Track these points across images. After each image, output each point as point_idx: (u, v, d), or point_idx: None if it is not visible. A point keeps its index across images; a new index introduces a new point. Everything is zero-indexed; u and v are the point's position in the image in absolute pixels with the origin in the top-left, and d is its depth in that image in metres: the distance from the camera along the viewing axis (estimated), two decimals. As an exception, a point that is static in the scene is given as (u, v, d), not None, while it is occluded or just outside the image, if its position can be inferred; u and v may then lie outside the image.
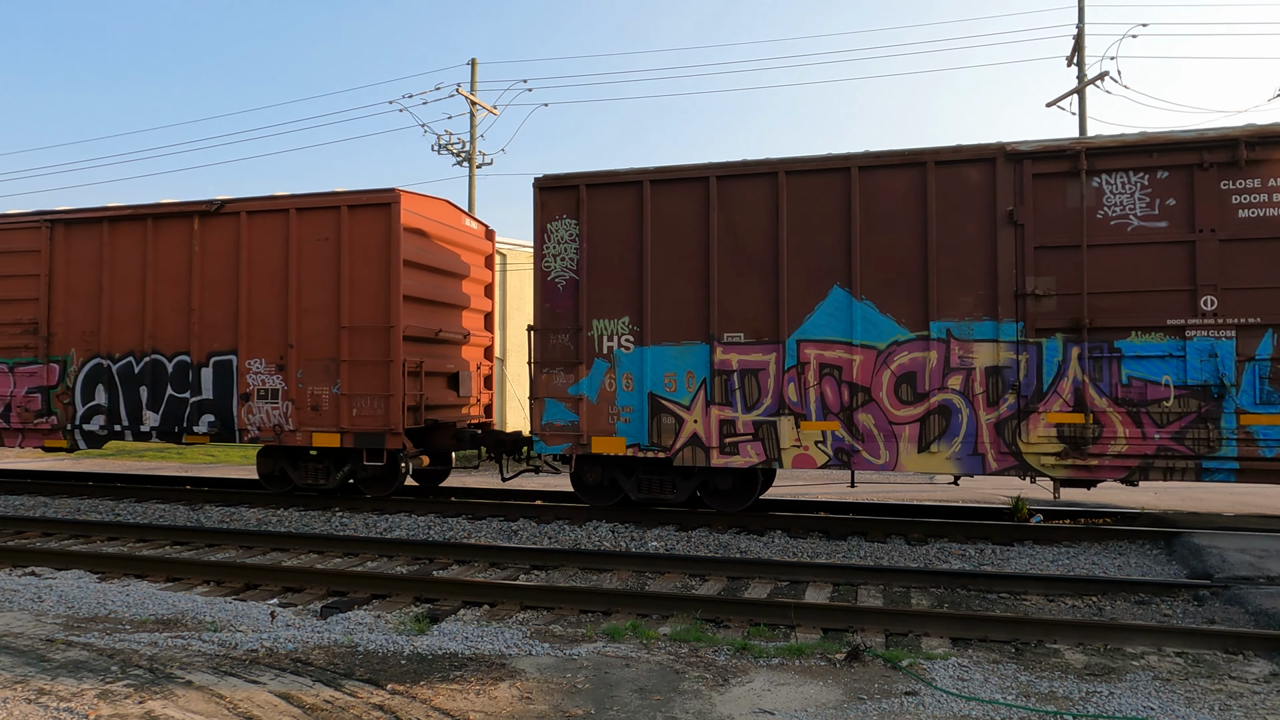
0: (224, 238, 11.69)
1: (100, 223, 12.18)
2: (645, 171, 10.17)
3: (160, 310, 11.91)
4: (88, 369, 12.22)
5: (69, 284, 12.38)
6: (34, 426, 12.43)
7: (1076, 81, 23.61)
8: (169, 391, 11.85)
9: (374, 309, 11.09)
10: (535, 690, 4.85)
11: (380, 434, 10.99)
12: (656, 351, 10.07)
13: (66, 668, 5.14)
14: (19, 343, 12.53)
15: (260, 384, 11.45)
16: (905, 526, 9.90)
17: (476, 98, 26.01)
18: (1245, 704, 4.74)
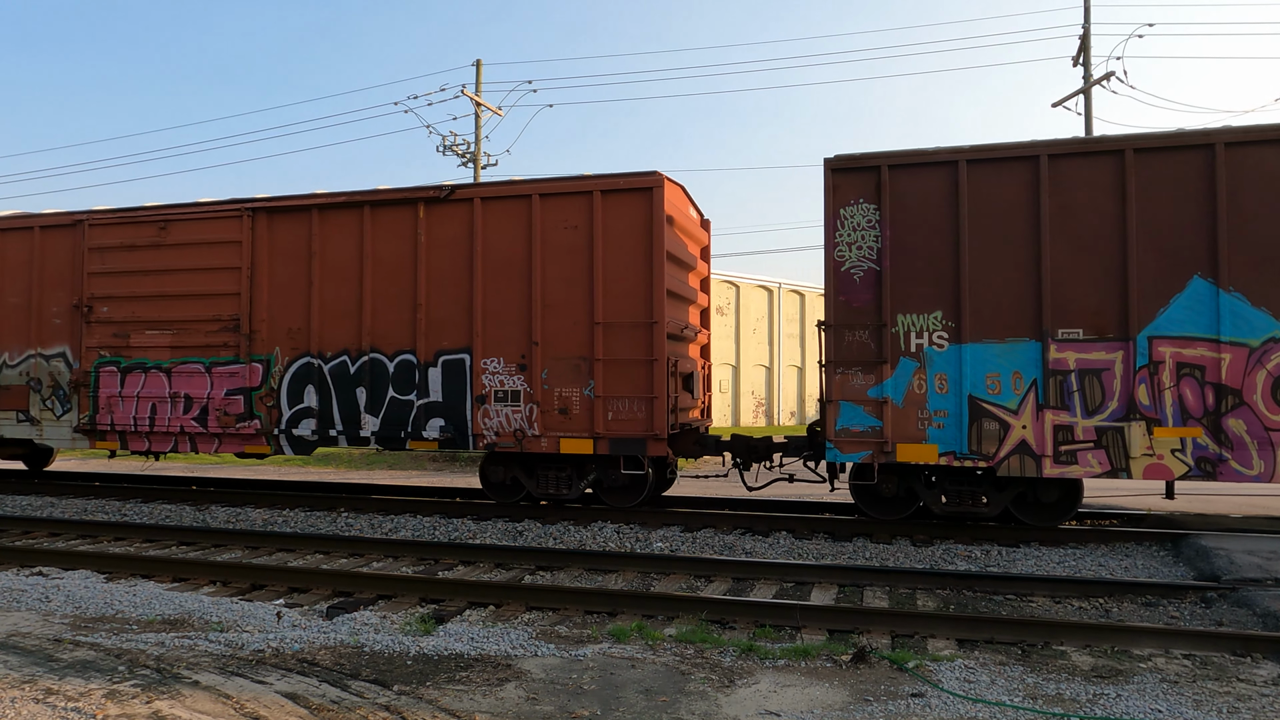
0: (454, 226, 10.75)
1: (308, 211, 11.26)
2: (959, 150, 9.31)
3: (380, 305, 10.97)
4: (295, 369, 11.29)
5: (273, 277, 11.46)
6: (235, 431, 11.44)
7: (1083, 81, 23.56)
8: (390, 393, 10.88)
9: (633, 303, 10.13)
10: (541, 691, 4.86)
11: (641, 440, 10.05)
12: (976, 349, 9.14)
13: (74, 667, 5.16)
14: (217, 341, 11.55)
15: (498, 385, 10.50)
16: (911, 528, 9.88)
17: (481, 99, 26.04)
18: (1253, 706, 4.72)
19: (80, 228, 12.21)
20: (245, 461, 20.23)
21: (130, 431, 11.97)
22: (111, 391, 11.99)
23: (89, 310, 12.09)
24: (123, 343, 11.97)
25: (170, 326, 11.76)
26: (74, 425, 12.23)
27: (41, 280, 12.43)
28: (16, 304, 12.61)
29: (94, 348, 12.09)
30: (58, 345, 12.37)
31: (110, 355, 12.02)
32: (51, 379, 12.35)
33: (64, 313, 12.33)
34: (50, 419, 12.42)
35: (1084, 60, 23.57)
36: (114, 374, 12.00)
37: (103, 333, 12.06)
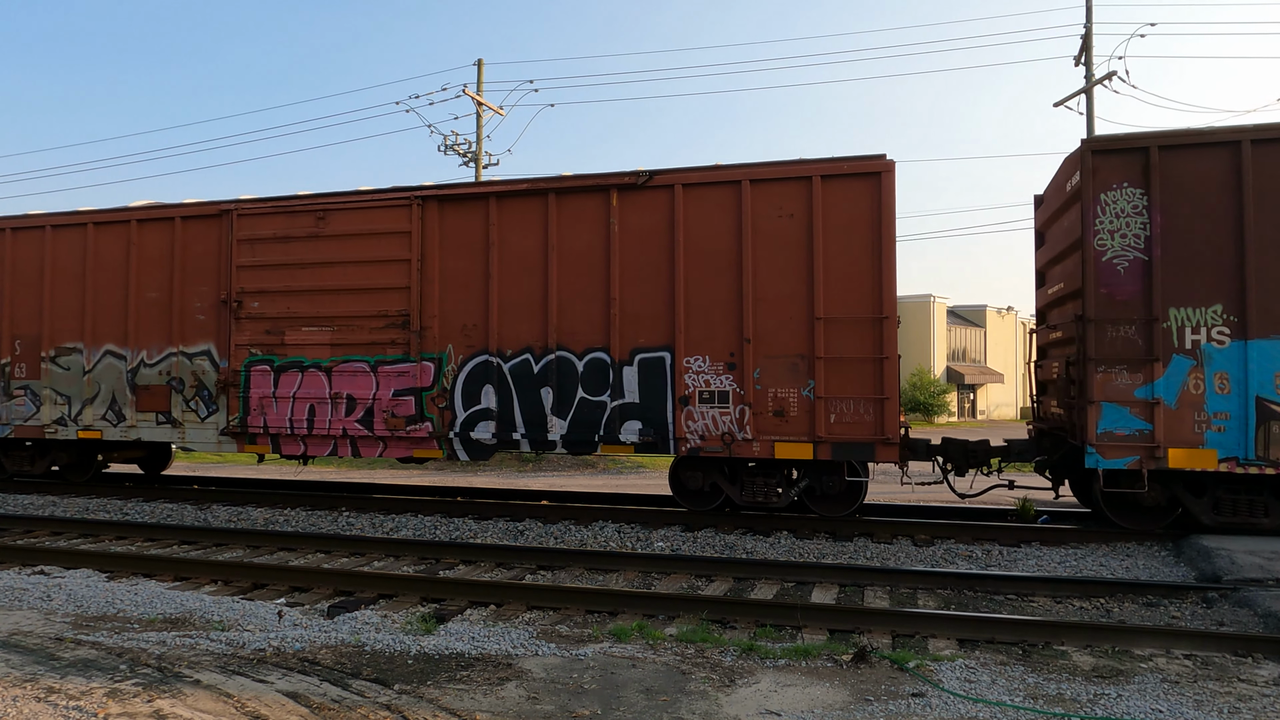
0: (651, 215, 10.07)
1: (485, 199, 10.61)
2: (1241, 130, 8.64)
3: (567, 300, 10.28)
4: (470, 368, 10.59)
5: (444, 270, 10.74)
6: (404, 434, 10.72)
7: (1085, 81, 23.54)
8: (580, 394, 10.19)
9: (859, 296, 9.48)
10: (542, 690, 4.86)
11: (868, 444, 9.41)
12: (1263, 346, 8.43)
13: (75, 666, 5.16)
14: (384, 338, 10.84)
15: (703, 385, 9.82)
16: (912, 528, 9.87)
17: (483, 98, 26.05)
18: (1254, 707, 4.72)
19: (227, 218, 11.54)
20: (245, 460, 20.24)
21: (285, 434, 11.26)
22: (264, 392, 11.31)
23: (238, 306, 11.39)
24: (276, 340, 11.27)
25: (330, 323, 11.06)
26: (220, 428, 11.56)
27: (183, 274, 11.78)
28: (155, 299, 11.97)
29: (244, 345, 11.41)
30: (201, 342, 11.71)
31: (262, 353, 11.32)
32: (195, 378, 11.68)
33: (208, 308, 11.68)
34: (193, 421, 11.74)
35: (1086, 60, 23.56)
36: (267, 373, 11.31)
37: (254, 329, 11.39)
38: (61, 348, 12.48)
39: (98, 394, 12.23)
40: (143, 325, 12.04)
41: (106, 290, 12.23)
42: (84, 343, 12.33)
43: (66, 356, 12.44)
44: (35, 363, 12.62)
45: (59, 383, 12.45)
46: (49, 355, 12.51)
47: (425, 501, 11.76)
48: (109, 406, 12.17)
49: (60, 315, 12.48)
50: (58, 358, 12.47)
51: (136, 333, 12.04)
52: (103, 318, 12.23)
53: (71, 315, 12.42)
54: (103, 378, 12.22)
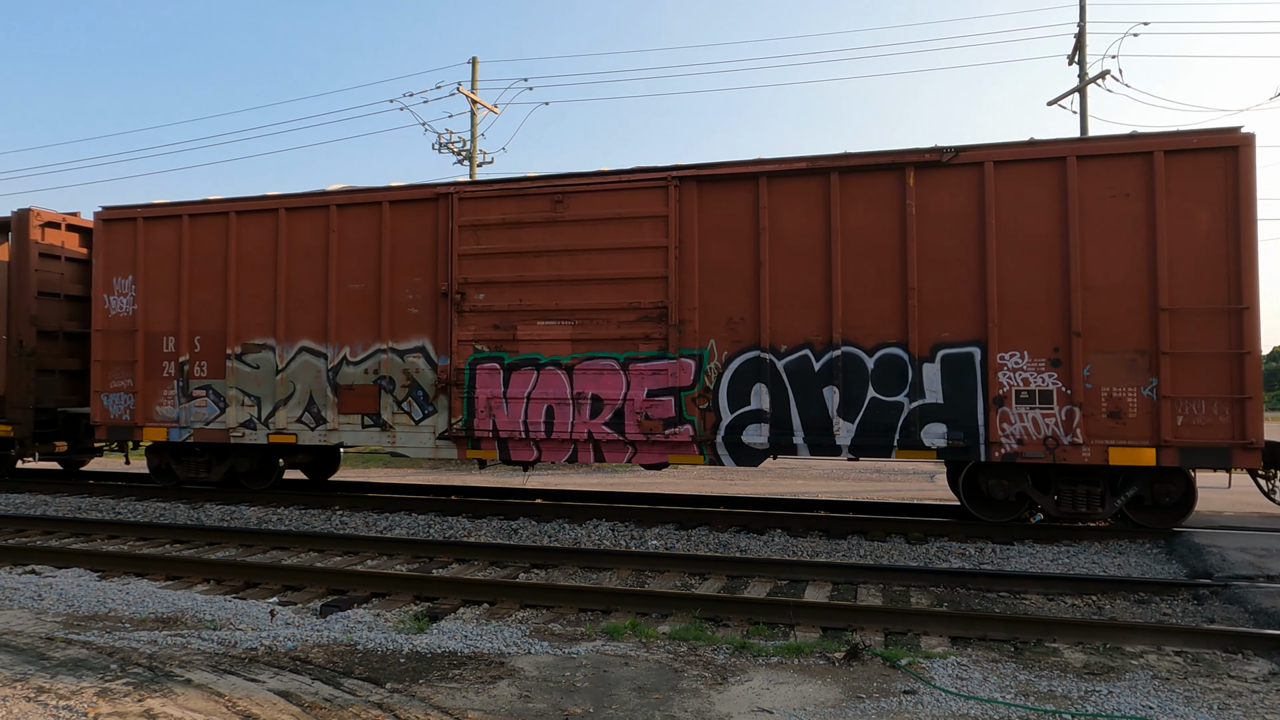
0: (956, 196, 9.21)
1: (754, 179, 9.69)
2: None
3: (854, 290, 9.46)
4: (737, 365, 9.75)
5: (705, 257, 9.89)
6: (661, 438, 9.90)
7: (1078, 80, 23.59)
8: (870, 393, 9.36)
9: (1212, 285, 8.64)
10: (534, 688, 4.86)
11: (1224, 449, 8.53)
12: None
13: (66, 666, 5.14)
14: (635, 333, 9.98)
15: (1021, 384, 8.98)
16: (905, 525, 9.89)
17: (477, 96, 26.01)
18: (1244, 703, 4.74)
19: (445, 202, 10.68)
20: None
21: (516, 438, 10.41)
22: (493, 392, 10.43)
23: (460, 298, 10.51)
24: (506, 335, 10.40)
25: (571, 316, 10.20)
26: (438, 431, 10.69)
27: (392, 263, 10.91)
28: (360, 291, 11.08)
29: (468, 341, 10.54)
30: (415, 338, 10.82)
31: (490, 350, 10.47)
32: (407, 377, 10.79)
33: (423, 300, 10.81)
34: (406, 424, 10.83)
35: (1079, 59, 23.61)
36: (495, 372, 10.45)
37: (479, 324, 10.51)
38: (249, 344, 11.57)
39: (292, 394, 11.35)
40: (345, 319, 11.14)
41: (302, 282, 11.35)
42: (276, 339, 11.42)
43: (255, 354, 11.54)
44: (218, 361, 11.69)
45: (246, 382, 11.55)
46: (235, 353, 11.60)
47: (419, 500, 11.74)
48: (305, 408, 11.28)
49: (247, 309, 11.59)
50: (245, 355, 11.57)
51: (338, 328, 11.14)
52: (298, 311, 11.36)
53: (261, 309, 11.53)
54: (298, 377, 11.33)
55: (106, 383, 12.20)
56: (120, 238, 12.22)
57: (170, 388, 11.91)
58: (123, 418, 12.10)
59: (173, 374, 11.91)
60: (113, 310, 12.23)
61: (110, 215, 12.34)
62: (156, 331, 12.00)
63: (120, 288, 12.20)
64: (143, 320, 12.05)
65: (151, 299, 12.04)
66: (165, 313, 11.98)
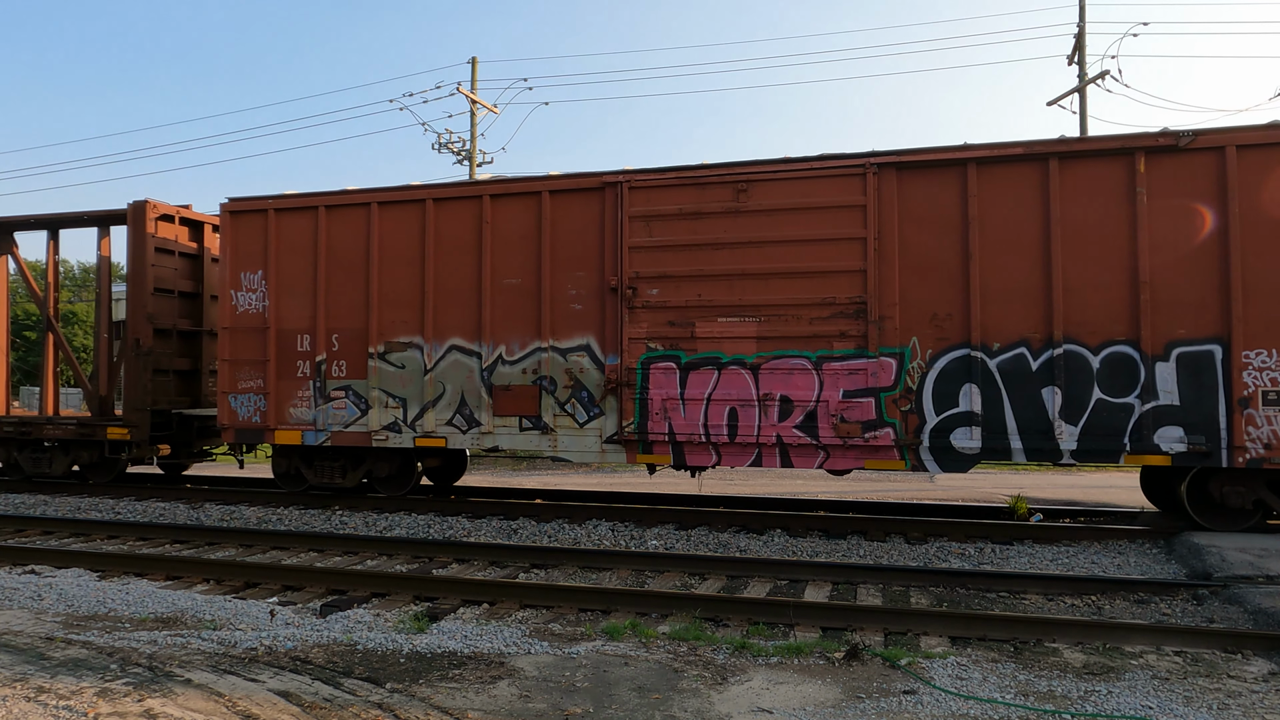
0: (1193, 182, 8.66)
1: (960, 166, 9.24)
2: None
3: (1076, 283, 8.86)
4: (943, 364, 9.20)
5: (906, 249, 9.30)
6: (860, 442, 9.33)
7: (1077, 80, 23.61)
8: (1095, 394, 8.80)
9: None
10: (534, 688, 4.86)
11: None
12: None
13: (66, 666, 5.14)
14: (830, 330, 9.45)
15: (1269, 384, 8.43)
16: (905, 525, 9.90)
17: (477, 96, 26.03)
18: (1244, 703, 4.74)
19: (612, 192, 10.15)
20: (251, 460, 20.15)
21: (694, 442, 9.82)
22: (668, 393, 9.90)
23: (632, 293, 9.98)
24: (684, 332, 9.86)
25: (756, 313, 9.66)
26: (605, 434, 10.16)
27: (553, 256, 10.37)
28: (517, 286, 10.54)
29: (640, 339, 9.99)
30: (579, 336, 10.28)
31: (665, 348, 9.92)
32: (570, 378, 10.27)
33: (588, 296, 10.26)
34: (569, 427, 10.31)
35: (1079, 59, 23.64)
36: (671, 371, 9.91)
37: (652, 320, 9.97)
38: (394, 342, 10.97)
39: (442, 395, 10.77)
40: (500, 316, 10.57)
41: (451, 276, 10.76)
42: (423, 337, 10.85)
43: (400, 353, 10.94)
44: (359, 360, 11.09)
45: (390, 383, 10.96)
46: (377, 351, 11.00)
47: (419, 500, 11.74)
48: (456, 410, 10.70)
49: (391, 306, 11.00)
50: (389, 354, 10.98)
51: (492, 325, 10.58)
52: (447, 308, 10.76)
53: (406, 305, 10.94)
54: (448, 377, 10.75)
55: (234, 383, 11.59)
56: (249, 231, 11.61)
57: (305, 388, 11.33)
58: (252, 420, 11.52)
59: (308, 374, 11.33)
60: (240, 307, 11.62)
61: (238, 207, 11.71)
62: (290, 329, 11.42)
63: (249, 283, 11.61)
64: (274, 317, 11.45)
65: (284, 295, 11.46)
66: (299, 309, 11.39)
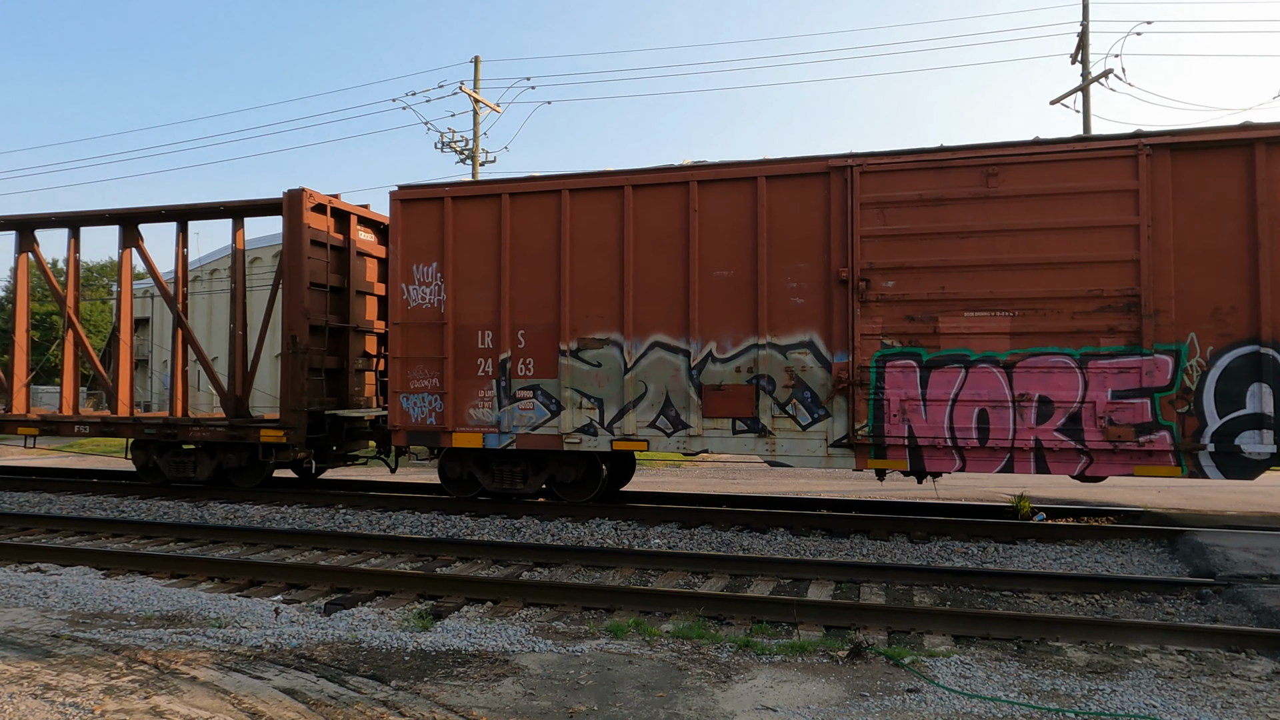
0: None
1: (1247, 146, 8.55)
2: None
3: None
4: (1227, 362, 8.58)
5: (1182, 238, 8.66)
6: (1133, 446, 8.70)
7: (1081, 79, 23.58)
8: None
9: None
10: (538, 686, 4.87)
11: None
12: None
13: (72, 663, 5.17)
14: (1096, 325, 8.80)
15: None
16: (908, 524, 9.90)
17: (480, 95, 26.03)
18: (1248, 702, 4.74)
19: (839, 177, 9.55)
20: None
21: (938, 446, 9.20)
22: (907, 393, 9.30)
23: (864, 286, 9.39)
24: (924, 328, 9.26)
25: (1009, 306, 9.04)
26: (833, 438, 9.55)
27: (770, 247, 9.76)
28: (728, 279, 9.92)
29: (873, 335, 9.41)
30: (800, 332, 9.67)
31: (902, 345, 9.33)
32: (790, 376, 9.67)
33: (810, 289, 9.65)
34: (790, 429, 9.69)
35: (1082, 58, 23.60)
36: (910, 370, 9.32)
37: (888, 315, 9.38)
38: (588, 339, 10.35)
39: (643, 395, 10.17)
40: (709, 311, 9.95)
41: (653, 268, 10.16)
42: (621, 333, 10.22)
43: (595, 350, 10.32)
44: (549, 358, 10.48)
45: (584, 382, 10.36)
46: (570, 348, 10.39)
47: (422, 499, 11.77)
48: (660, 411, 10.11)
49: (585, 300, 10.37)
50: (582, 352, 10.37)
51: (700, 320, 9.97)
52: (648, 302, 10.17)
53: (601, 299, 10.31)
54: (650, 376, 10.14)
55: (406, 382, 10.96)
56: (422, 220, 10.98)
57: (487, 388, 10.69)
58: (427, 421, 10.87)
59: (490, 372, 10.69)
60: (413, 301, 10.99)
61: (410, 195, 11.08)
62: (469, 325, 10.77)
63: (423, 276, 10.98)
64: (452, 312, 10.80)
65: (462, 288, 10.81)
66: (480, 304, 10.75)
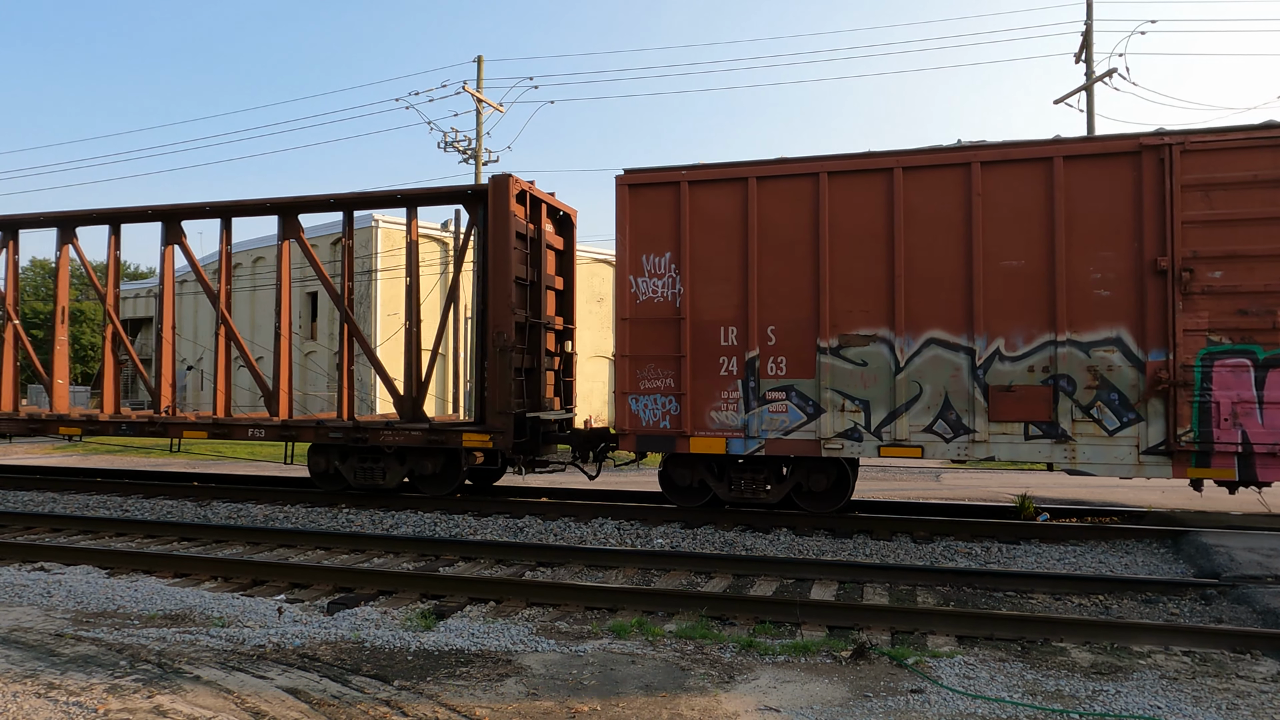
0: None
1: None
2: None
3: None
4: None
5: None
6: None
7: (1085, 78, 23.54)
8: None
9: None
10: (541, 686, 4.87)
11: None
12: None
13: (75, 662, 5.17)
14: None
15: None
16: (911, 524, 9.89)
17: (483, 95, 26.03)
18: (1253, 703, 4.73)
19: (1154, 156, 8.82)
20: (247, 458, 20.26)
21: (1277, 454, 8.54)
22: (1239, 395, 8.60)
23: (1187, 276, 8.66)
24: (1261, 323, 8.52)
25: None
26: (1146, 444, 8.83)
27: (1068, 233, 9.04)
28: (1017, 269, 9.22)
29: (1197, 331, 8.68)
30: (1105, 328, 8.96)
31: (1234, 342, 8.61)
32: (1094, 376, 8.95)
33: (1118, 280, 8.95)
34: (1093, 435, 8.95)
35: (1086, 57, 23.56)
36: (1243, 369, 8.59)
37: (1215, 309, 8.65)
38: (851, 336, 9.64)
39: (917, 397, 9.44)
40: (996, 305, 9.24)
41: (927, 258, 9.43)
42: (891, 329, 9.52)
43: (860, 347, 9.62)
44: (804, 356, 9.76)
45: (847, 383, 9.64)
46: (829, 346, 9.67)
47: (425, 498, 11.77)
48: (938, 414, 9.38)
49: (847, 293, 9.66)
50: (844, 349, 9.65)
51: (985, 315, 9.25)
52: (922, 295, 9.45)
53: (867, 293, 9.61)
54: (926, 376, 9.41)
55: (635, 383, 10.27)
56: (653, 207, 10.29)
57: (731, 389, 9.97)
58: (660, 425, 10.17)
59: (735, 372, 9.98)
60: (643, 295, 10.29)
61: (640, 180, 10.39)
62: (709, 320, 10.07)
63: (654, 267, 10.27)
64: (689, 307, 10.10)
65: (701, 281, 10.12)
66: (722, 297, 10.05)
